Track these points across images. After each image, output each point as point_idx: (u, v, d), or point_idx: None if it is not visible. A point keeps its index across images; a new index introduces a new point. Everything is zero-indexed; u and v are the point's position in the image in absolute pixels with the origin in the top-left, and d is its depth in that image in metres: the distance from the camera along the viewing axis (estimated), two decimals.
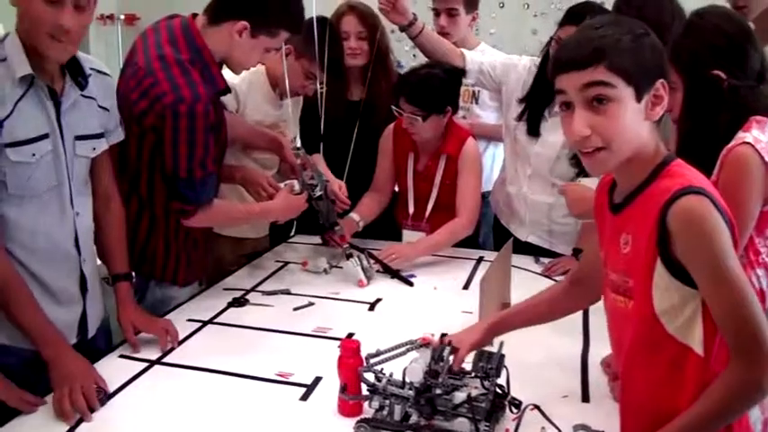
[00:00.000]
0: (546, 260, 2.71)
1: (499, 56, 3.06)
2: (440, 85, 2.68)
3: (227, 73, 2.23)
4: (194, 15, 2.15)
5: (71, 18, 1.65)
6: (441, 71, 2.72)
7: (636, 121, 1.28)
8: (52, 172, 1.77)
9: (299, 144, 2.61)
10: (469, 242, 2.90)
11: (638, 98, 1.27)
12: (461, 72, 2.82)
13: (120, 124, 2.01)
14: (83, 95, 1.84)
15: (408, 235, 2.86)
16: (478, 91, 3.26)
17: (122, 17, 7.55)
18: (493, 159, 3.35)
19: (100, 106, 1.91)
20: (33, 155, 1.71)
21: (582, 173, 2.50)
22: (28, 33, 1.68)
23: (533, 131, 2.70)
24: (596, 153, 1.29)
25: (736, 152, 1.67)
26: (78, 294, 1.88)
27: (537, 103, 2.69)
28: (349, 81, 3.02)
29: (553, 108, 2.63)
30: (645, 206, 1.29)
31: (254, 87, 2.66)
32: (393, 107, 2.72)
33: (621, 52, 1.26)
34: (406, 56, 6.31)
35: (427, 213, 2.83)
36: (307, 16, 2.27)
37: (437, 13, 3.23)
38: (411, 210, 2.86)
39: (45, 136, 1.73)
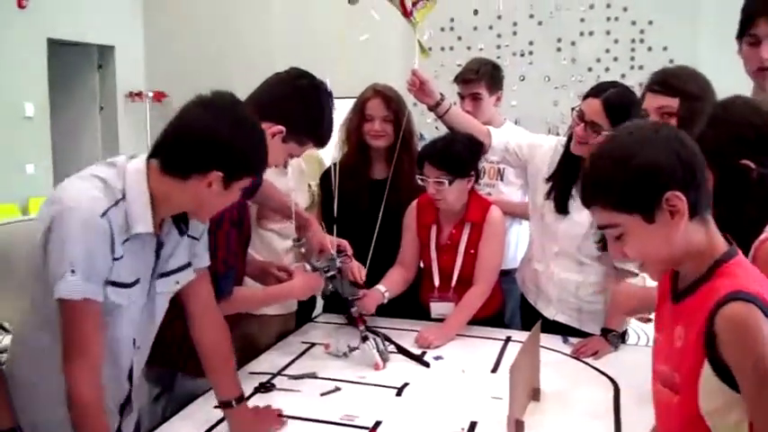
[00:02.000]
0: (575, 340, 2.66)
1: (525, 135, 3.08)
2: (463, 149, 2.74)
3: None
4: None
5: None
6: (463, 138, 2.79)
7: (661, 237, 1.30)
8: (137, 314, 1.76)
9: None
10: (496, 321, 2.88)
11: (650, 220, 1.29)
12: (481, 144, 2.84)
13: (206, 248, 1.96)
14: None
15: (436, 307, 2.84)
16: (503, 168, 3.28)
17: (151, 94, 7.73)
18: (518, 237, 3.34)
19: (190, 236, 1.88)
20: (129, 298, 1.70)
21: (605, 248, 2.51)
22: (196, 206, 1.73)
23: (561, 209, 2.70)
24: (643, 267, 1.37)
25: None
26: (117, 414, 1.85)
27: (564, 181, 2.69)
28: (372, 160, 3.06)
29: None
30: (700, 303, 1.29)
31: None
32: (417, 176, 2.75)
33: (611, 188, 1.30)
34: (428, 127, 6.41)
35: (453, 284, 2.81)
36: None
37: (462, 98, 3.28)
38: (437, 282, 2.84)
39: (137, 281, 1.72)
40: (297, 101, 2.13)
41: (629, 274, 2.56)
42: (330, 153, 3.11)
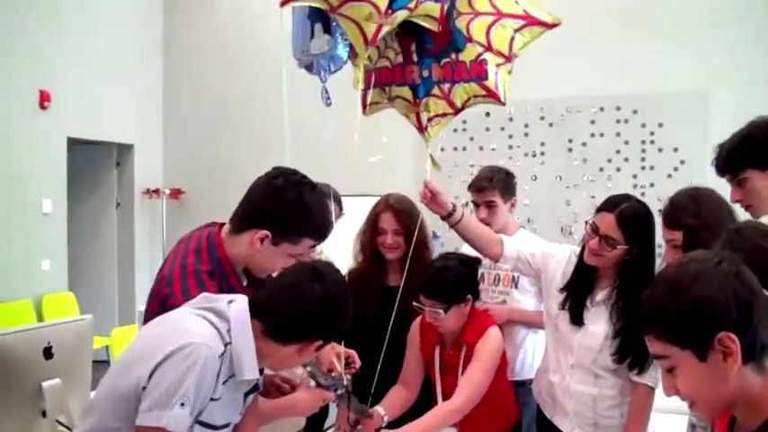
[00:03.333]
0: None
1: (538, 243, 3.09)
2: (455, 276, 2.72)
3: None
4: (222, 225, 2.18)
5: None
6: (455, 262, 2.77)
7: (712, 378, 1.26)
8: None
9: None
10: None
11: (702, 358, 1.25)
12: (476, 265, 2.86)
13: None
14: None
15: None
16: (518, 276, 3.27)
17: (167, 191, 7.85)
18: (534, 346, 3.31)
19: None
20: None
21: (621, 360, 2.49)
22: None
23: (576, 320, 2.67)
24: (693, 406, 1.31)
25: None
26: None
27: (578, 291, 2.68)
28: (387, 269, 3.08)
29: (595, 297, 2.62)
30: None
31: None
32: (414, 303, 2.73)
33: (664, 319, 1.27)
34: (442, 227, 6.44)
35: None
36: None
37: (477, 205, 3.31)
38: (439, 401, 2.79)
39: (227, 425, 1.77)
40: (274, 200, 2.06)
41: (646, 387, 2.53)
42: (345, 261, 3.13)
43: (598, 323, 2.59)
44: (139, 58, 7.95)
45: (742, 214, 2.34)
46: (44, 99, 6.64)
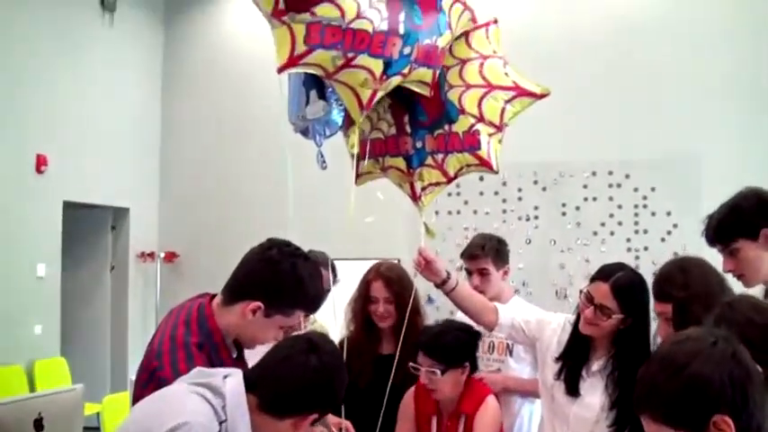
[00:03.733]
0: None
1: (533, 311, 3.07)
2: (455, 340, 2.74)
3: None
4: (214, 296, 2.17)
5: None
6: (457, 327, 2.80)
7: None
8: None
9: None
10: None
11: None
12: (477, 335, 2.87)
13: None
14: None
15: None
16: (512, 344, 3.25)
17: (162, 255, 7.84)
18: (531, 414, 3.27)
19: None
20: None
21: None
22: None
23: (572, 391, 2.64)
24: None
25: None
26: None
27: (574, 361, 2.66)
28: (380, 337, 3.07)
29: (591, 367, 2.61)
30: None
31: None
32: (411, 364, 2.73)
33: (659, 399, 1.26)
34: (437, 291, 6.41)
35: None
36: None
37: (470, 273, 3.32)
38: None
39: None
40: (268, 271, 2.05)
41: None
42: (337, 330, 3.13)
43: (594, 394, 2.56)
44: (136, 122, 8.03)
45: (733, 282, 2.34)
46: (41, 163, 6.68)
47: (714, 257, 2.40)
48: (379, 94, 2.61)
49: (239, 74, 7.96)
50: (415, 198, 2.96)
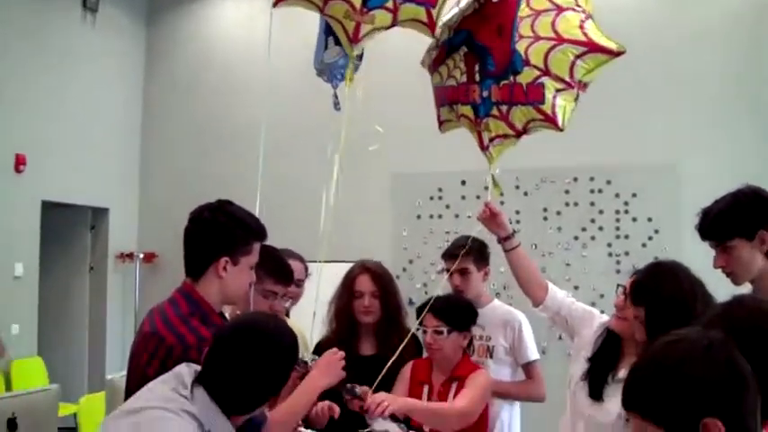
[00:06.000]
0: None
1: (582, 305, 2.94)
2: (463, 307, 2.95)
3: None
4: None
5: None
6: (465, 300, 3.04)
7: None
8: None
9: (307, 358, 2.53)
10: None
11: None
12: (476, 313, 2.98)
13: None
14: None
15: None
16: (493, 346, 3.26)
17: (141, 255, 7.78)
18: (510, 417, 3.28)
19: None
20: None
21: None
22: None
23: (594, 395, 2.59)
24: None
25: None
26: None
27: (603, 366, 2.61)
28: (360, 336, 3.05)
29: (617, 374, 2.56)
30: None
31: None
32: (418, 325, 2.87)
33: (648, 399, 1.25)
34: (417, 293, 6.44)
35: None
36: None
37: (450, 273, 3.32)
38: None
39: None
40: (210, 229, 2.24)
41: None
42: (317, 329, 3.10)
43: (614, 400, 2.50)
44: (116, 121, 7.97)
45: (713, 280, 2.33)
46: (19, 162, 6.61)
47: (692, 262, 2.40)
48: (366, 28, 2.63)
49: (221, 76, 7.93)
50: (482, 148, 2.98)
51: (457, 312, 2.92)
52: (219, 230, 2.22)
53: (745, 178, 2.34)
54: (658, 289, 2.28)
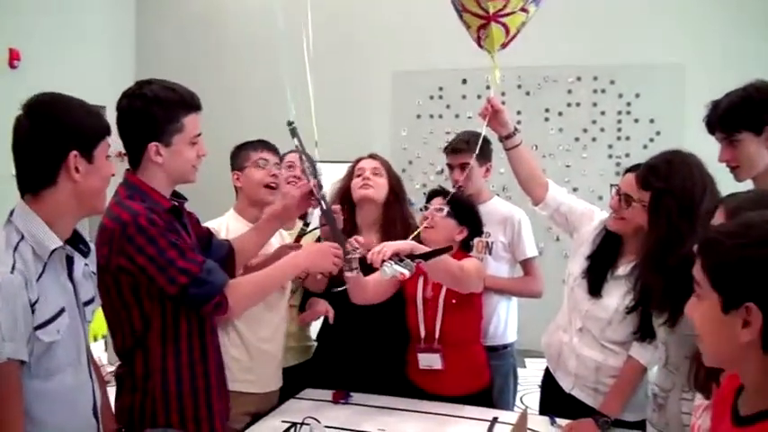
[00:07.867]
0: (563, 422, 2.61)
1: (580, 202, 2.94)
2: (474, 209, 2.98)
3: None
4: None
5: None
6: (478, 209, 3.03)
7: (721, 331, 1.24)
8: (73, 345, 1.77)
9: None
10: (483, 399, 2.82)
11: (725, 310, 1.23)
12: (479, 223, 2.94)
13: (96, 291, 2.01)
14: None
15: (424, 358, 2.79)
16: (492, 242, 3.26)
17: None
18: (507, 313, 3.31)
19: (92, 272, 1.95)
20: (58, 331, 1.71)
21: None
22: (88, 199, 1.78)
23: (593, 291, 2.62)
24: (698, 340, 1.33)
25: None
26: None
27: (602, 263, 2.63)
28: (358, 224, 3.02)
29: (616, 271, 2.59)
30: None
31: (234, 231, 2.70)
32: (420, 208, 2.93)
33: (718, 259, 1.25)
34: (417, 193, 6.42)
35: (437, 335, 2.77)
36: None
37: (451, 168, 3.28)
38: (423, 334, 2.80)
39: (62, 310, 1.74)
40: (132, 117, 2.11)
41: (638, 364, 2.52)
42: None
43: (613, 296, 2.56)
44: (113, 16, 7.77)
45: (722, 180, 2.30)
46: (13, 58, 6.47)
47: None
48: None
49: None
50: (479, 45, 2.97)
51: (463, 206, 2.89)
52: (137, 117, 2.10)
53: (753, 79, 2.27)
54: (669, 176, 2.26)
